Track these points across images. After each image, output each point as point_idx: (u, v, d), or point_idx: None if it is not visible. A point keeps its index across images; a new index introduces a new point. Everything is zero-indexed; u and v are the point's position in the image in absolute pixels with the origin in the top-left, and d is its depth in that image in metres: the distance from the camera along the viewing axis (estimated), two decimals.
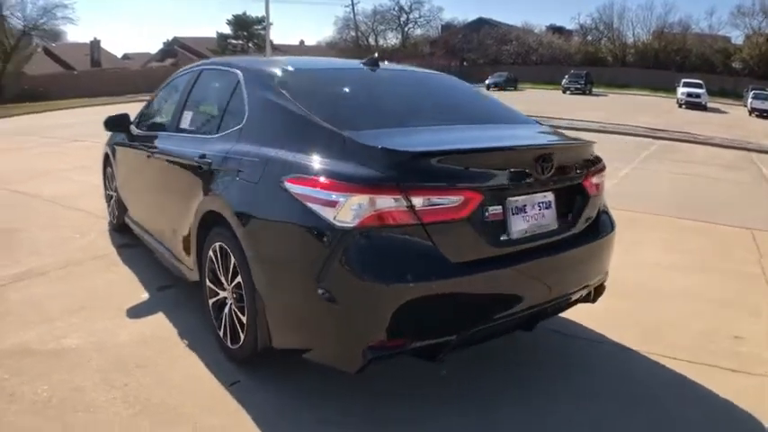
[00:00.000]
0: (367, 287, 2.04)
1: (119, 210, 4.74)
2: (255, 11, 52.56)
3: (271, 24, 51.73)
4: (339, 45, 53.55)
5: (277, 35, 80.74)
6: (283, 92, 2.70)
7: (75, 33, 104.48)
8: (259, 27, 49.14)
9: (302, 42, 60.61)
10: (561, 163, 2.52)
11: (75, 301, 3.54)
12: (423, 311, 2.10)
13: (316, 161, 2.27)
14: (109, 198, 5.09)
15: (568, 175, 2.60)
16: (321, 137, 2.36)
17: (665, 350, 3.07)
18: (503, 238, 2.32)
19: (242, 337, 2.64)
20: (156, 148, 3.68)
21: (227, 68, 3.25)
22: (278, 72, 2.96)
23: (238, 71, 3.09)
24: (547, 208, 2.49)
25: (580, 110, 21.50)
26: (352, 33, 54.92)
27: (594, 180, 2.75)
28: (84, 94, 28.76)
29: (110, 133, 4.81)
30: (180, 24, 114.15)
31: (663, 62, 46.20)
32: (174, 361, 2.85)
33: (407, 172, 2.09)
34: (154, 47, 57.60)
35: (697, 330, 3.36)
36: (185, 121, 3.51)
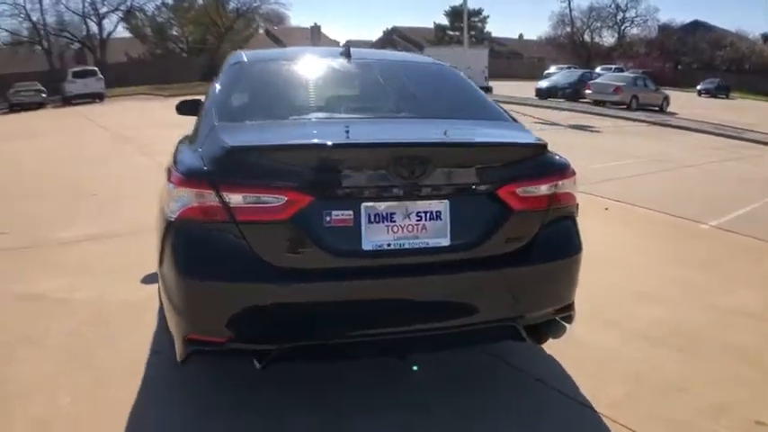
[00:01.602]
0: (179, 279, 2.01)
1: None
2: (473, 2, 53.44)
3: (487, 17, 52.77)
4: (556, 41, 52.17)
5: (495, 28, 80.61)
6: (222, 84, 2.74)
7: (298, 18, 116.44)
8: (476, 19, 50.20)
9: (521, 36, 59.53)
10: (457, 166, 2.13)
11: (116, 263, 4.12)
12: (237, 314, 1.99)
13: (184, 150, 2.32)
14: None
15: (473, 183, 2.16)
16: (204, 126, 2.40)
17: (641, 423, 2.38)
18: (350, 248, 2.02)
19: None
20: None
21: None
22: (245, 61, 2.99)
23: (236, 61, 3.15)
24: (433, 219, 2.09)
25: None
26: (567, 29, 52.91)
27: (526, 191, 2.20)
28: None
29: None
30: (400, 13, 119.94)
31: None
32: (135, 324, 3.15)
33: (226, 166, 1.99)
34: (375, 35, 61.66)
35: (709, 402, 2.58)
36: None
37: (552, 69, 32.64)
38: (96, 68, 25.96)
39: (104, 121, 14.69)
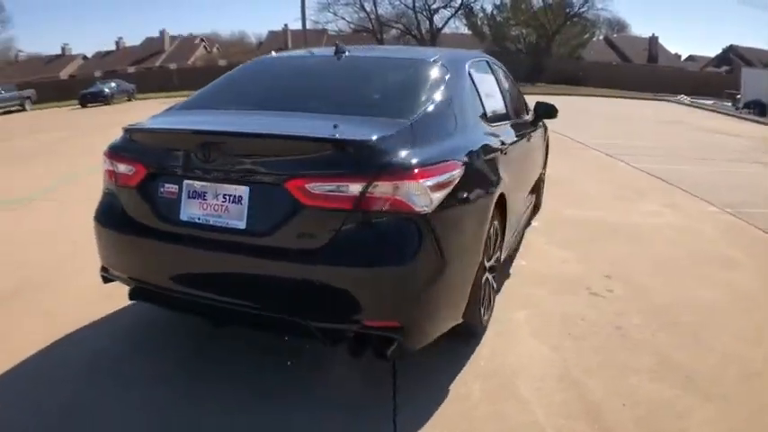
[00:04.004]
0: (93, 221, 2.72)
1: None
2: None
3: None
4: None
5: None
6: (223, 77, 3.36)
7: (640, 27, 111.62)
8: None
9: None
10: (252, 155, 2.27)
11: None
12: (113, 253, 2.64)
13: None
14: None
15: (266, 173, 2.26)
16: None
17: None
18: (172, 216, 2.40)
19: None
20: None
21: None
22: (251, 59, 3.63)
23: None
24: (234, 202, 2.29)
25: None
26: None
27: (320, 187, 2.13)
28: (625, 86, 31.40)
29: None
30: (742, 33, 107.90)
31: None
32: None
33: (120, 143, 2.64)
34: (715, 50, 55.67)
35: None
36: None
37: None
38: None
39: None
